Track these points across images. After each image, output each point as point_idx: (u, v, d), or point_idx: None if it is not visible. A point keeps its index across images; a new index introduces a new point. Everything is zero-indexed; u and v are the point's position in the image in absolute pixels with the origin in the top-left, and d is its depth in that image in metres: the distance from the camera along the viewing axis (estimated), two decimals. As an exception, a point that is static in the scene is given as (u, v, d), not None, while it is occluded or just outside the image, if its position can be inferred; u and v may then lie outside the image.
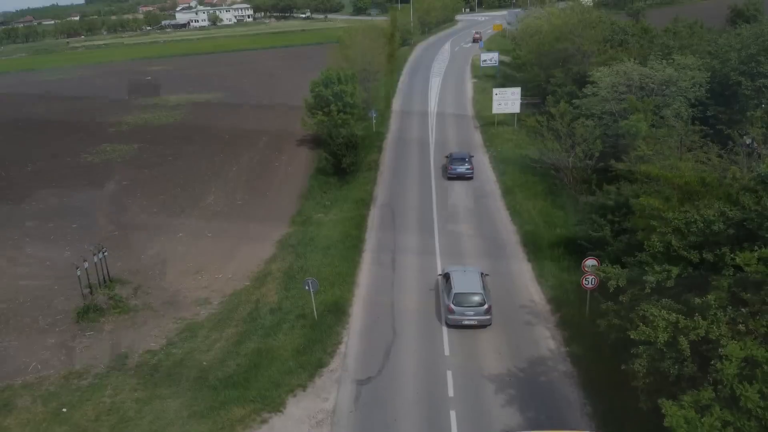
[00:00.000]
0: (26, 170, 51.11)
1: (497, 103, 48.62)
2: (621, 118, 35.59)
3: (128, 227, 36.39)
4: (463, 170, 38.66)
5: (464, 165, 38.89)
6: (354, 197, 36.64)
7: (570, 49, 49.27)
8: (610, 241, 22.83)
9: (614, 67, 37.04)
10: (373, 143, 48.31)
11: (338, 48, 62.24)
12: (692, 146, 28.45)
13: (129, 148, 55.20)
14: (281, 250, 31.09)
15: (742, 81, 34.60)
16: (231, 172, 46.12)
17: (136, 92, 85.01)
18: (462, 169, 38.65)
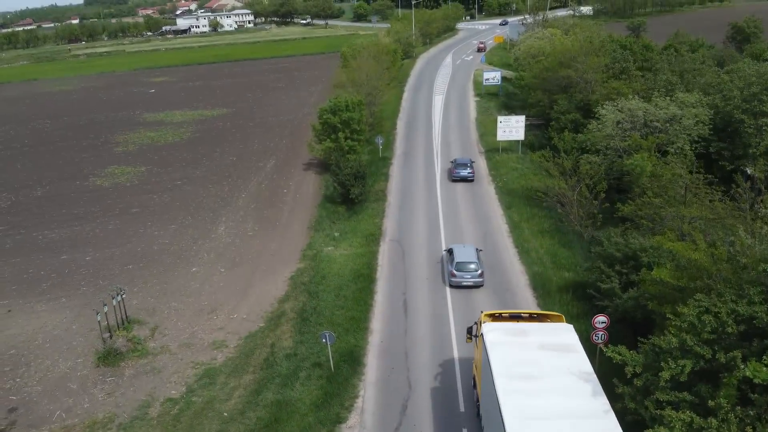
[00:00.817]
0: (36, 194, 51.71)
1: (502, 131, 49.30)
2: (625, 154, 36.40)
3: (142, 260, 37.02)
4: (465, 173, 44.53)
5: (467, 169, 44.83)
6: (363, 231, 37.26)
7: (573, 77, 49.90)
8: (619, 294, 23.52)
9: (619, 103, 37.71)
10: (379, 170, 48.98)
11: (345, 71, 62.68)
12: (697, 191, 29.16)
13: (137, 171, 55.82)
14: (293, 288, 31.73)
15: (744, 119, 35.35)
16: (240, 199, 46.73)
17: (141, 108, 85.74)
18: (464, 173, 44.53)
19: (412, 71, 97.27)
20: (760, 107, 35.03)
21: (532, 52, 66.65)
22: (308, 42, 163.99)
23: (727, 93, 36.79)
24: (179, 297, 32.08)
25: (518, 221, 36.24)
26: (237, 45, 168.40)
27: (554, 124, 50.08)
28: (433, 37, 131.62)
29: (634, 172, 33.81)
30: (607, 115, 37.06)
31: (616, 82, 45.94)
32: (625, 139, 36.26)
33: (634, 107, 36.73)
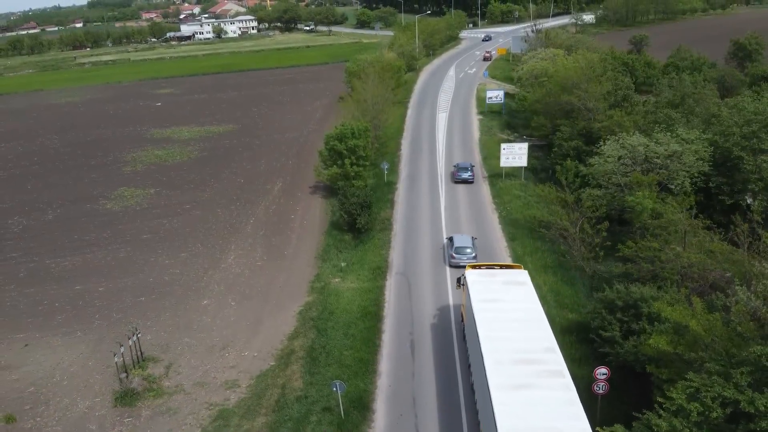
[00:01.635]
0: (47, 218, 52.65)
1: (505, 157, 50.13)
2: (627, 189, 37.21)
3: (154, 291, 37.91)
4: (466, 176, 51.04)
5: (467, 172, 51.31)
6: (370, 263, 38.14)
7: (575, 103, 50.71)
8: (620, 342, 24.34)
9: (621, 139, 38.50)
10: (385, 196, 49.86)
11: (350, 96, 63.49)
12: (696, 234, 29.98)
13: (146, 193, 56.76)
14: (302, 323, 32.60)
15: (743, 156, 36.13)
16: (249, 225, 47.63)
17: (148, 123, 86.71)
18: (465, 176, 51.04)
19: (416, 86, 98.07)
20: (759, 145, 35.82)
21: (535, 72, 67.44)
22: (312, 51, 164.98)
23: (727, 129, 37.55)
24: (192, 332, 32.95)
25: (522, 254, 37.05)
26: (241, 53, 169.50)
27: (556, 150, 51.00)
28: (436, 47, 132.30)
29: (635, 209, 34.68)
30: (609, 151, 37.82)
31: (617, 113, 46.67)
32: (627, 175, 37.07)
33: (635, 143, 37.51)
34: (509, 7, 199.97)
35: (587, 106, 49.49)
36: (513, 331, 23.05)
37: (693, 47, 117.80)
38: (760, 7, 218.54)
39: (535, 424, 18.20)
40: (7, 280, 41.15)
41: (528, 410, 18.78)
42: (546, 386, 19.85)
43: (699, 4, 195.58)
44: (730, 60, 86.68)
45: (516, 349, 21.93)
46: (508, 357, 21.44)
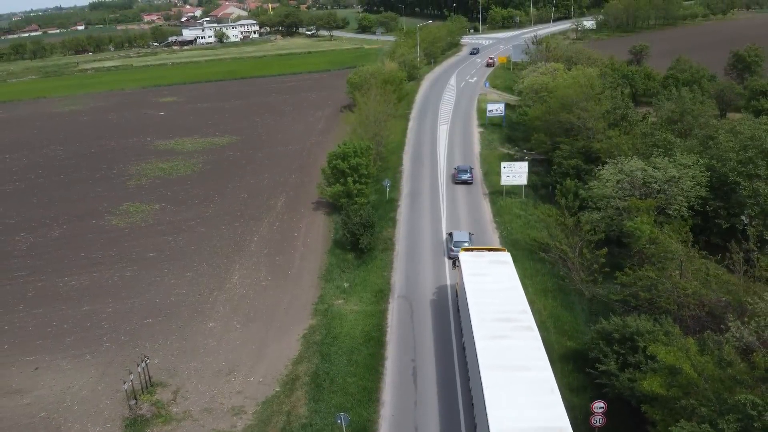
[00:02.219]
0: (53, 234, 53.37)
1: (505, 176, 50.78)
2: (625, 213, 37.89)
3: (160, 313, 38.60)
4: (465, 177, 55.79)
5: (467, 174, 56.20)
6: (372, 285, 38.85)
7: (575, 122, 51.38)
8: (617, 374, 25.01)
9: (619, 164, 39.15)
10: (387, 214, 50.55)
11: (354, 111, 64.24)
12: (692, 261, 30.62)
13: (151, 209, 57.46)
14: (306, 348, 33.29)
15: (740, 182, 36.79)
16: (253, 243, 48.32)
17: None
18: (465, 177, 55.81)
19: (417, 97, 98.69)
20: (755, 170, 36.48)
21: (535, 87, 68.13)
22: (313, 56, 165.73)
23: (723, 154, 38.21)
24: (198, 356, 33.65)
25: (522, 277, 37.39)
26: (243, 59, 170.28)
27: (556, 168, 51.68)
28: (437, 55, 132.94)
29: (633, 234, 35.36)
30: (608, 175, 38.49)
31: (616, 133, 47.32)
32: (625, 200, 37.75)
33: (633, 168, 38.17)
34: (510, 13, 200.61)
35: (586, 125, 50.13)
36: (494, 297, 28.79)
37: (693, 55, 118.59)
38: (761, 12, 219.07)
39: (509, 363, 23.89)
40: (16, 300, 41.88)
41: (503, 353, 24.59)
42: (518, 337, 25.74)
43: (699, 10, 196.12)
44: (729, 71, 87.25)
45: (496, 310, 27.59)
46: (490, 316, 27.13)
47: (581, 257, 35.70)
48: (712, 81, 79.60)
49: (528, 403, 21.45)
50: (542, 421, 20.41)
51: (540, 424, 20.30)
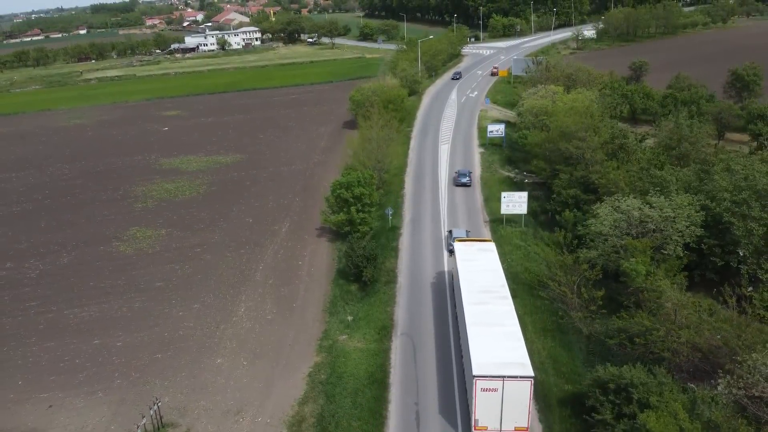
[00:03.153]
0: (62, 261, 54.42)
1: (505, 205, 51.73)
2: (623, 250, 38.85)
3: (169, 348, 39.60)
4: (465, 180, 62.66)
5: (466, 177, 62.98)
6: (376, 320, 39.87)
7: (574, 153, 52.37)
8: (613, 424, 26.01)
9: (616, 202, 40.13)
10: (389, 242, 51.56)
11: (357, 139, 65.28)
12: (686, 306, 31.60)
13: (157, 234, 58.50)
14: (312, 388, 34.27)
15: (734, 222, 37.75)
16: (258, 273, 49.33)
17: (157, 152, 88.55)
18: (464, 180, 62.68)
19: (419, 113, 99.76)
20: (749, 211, 37.41)
21: (535, 111, 69.13)
22: (315, 67, 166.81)
23: (718, 194, 39.16)
24: (207, 394, 34.64)
25: (522, 314, 38.52)
26: (245, 69, 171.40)
27: (555, 198, 52.71)
28: (438, 67, 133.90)
29: (630, 275, 36.38)
30: (605, 215, 39.45)
31: (613, 166, 48.23)
32: (622, 238, 38.73)
33: (630, 207, 39.13)
34: (511, 21, 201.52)
35: (585, 157, 51.10)
36: (480, 275, 36.31)
37: (693, 68, 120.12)
38: (761, 19, 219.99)
39: (488, 321, 31.50)
40: (28, 333, 42.92)
41: (484, 314, 32.16)
42: (496, 304, 33.38)
43: (700, 18, 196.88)
44: (728, 89, 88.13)
45: (480, 285, 35.18)
46: (476, 289, 34.77)
47: (579, 296, 36.71)
48: (710, 101, 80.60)
49: (500, 347, 29.49)
50: (509, 359, 28.44)
51: (507, 360, 28.34)
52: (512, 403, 27.50)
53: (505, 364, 27.92)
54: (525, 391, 27.37)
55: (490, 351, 29.00)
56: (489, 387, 27.47)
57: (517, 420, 27.81)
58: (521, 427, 27.97)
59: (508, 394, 27.37)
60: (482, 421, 28.05)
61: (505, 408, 27.62)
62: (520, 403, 27.55)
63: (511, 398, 27.42)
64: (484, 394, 27.58)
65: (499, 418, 27.84)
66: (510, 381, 27.23)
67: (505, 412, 27.70)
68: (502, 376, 27.27)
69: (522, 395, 27.43)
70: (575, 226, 46.74)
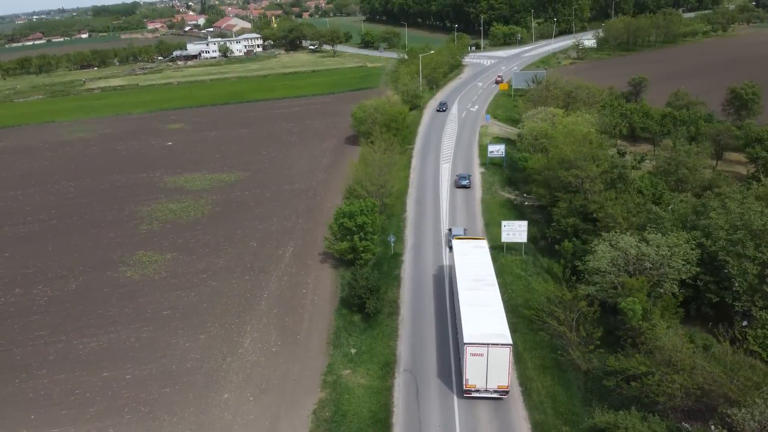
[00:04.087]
0: (70, 287, 55.31)
1: (506, 234, 52.69)
2: (620, 287, 39.76)
3: (177, 381, 40.50)
4: (465, 183, 70.01)
5: (466, 180, 70.51)
6: (379, 355, 40.82)
7: (573, 182, 53.29)
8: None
9: (613, 240, 41.04)
10: (392, 271, 52.54)
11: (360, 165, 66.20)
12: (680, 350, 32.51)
13: (163, 259, 59.38)
14: (317, 426, 35.18)
15: (729, 261, 38.65)
16: (263, 301, 50.23)
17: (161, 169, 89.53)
18: (464, 183, 70.05)
19: (420, 128, 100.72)
20: (743, 251, 38.31)
21: (535, 133, 70.08)
22: (317, 77, 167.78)
23: (714, 233, 40.05)
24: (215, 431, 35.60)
25: (522, 351, 39.61)
26: (248, 78, 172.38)
27: (555, 226, 53.62)
28: (439, 79, 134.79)
29: (626, 314, 37.29)
30: (602, 253, 40.36)
31: (611, 196, 49.10)
32: (619, 275, 39.65)
33: (626, 245, 40.04)
34: (512, 30, 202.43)
35: (584, 188, 52.01)
36: (473, 267, 43.50)
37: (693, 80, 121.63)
38: (761, 26, 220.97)
39: (477, 303, 38.50)
40: (39, 364, 43.83)
41: (475, 298, 39.20)
42: (484, 289, 40.29)
43: (700, 27, 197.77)
44: (727, 107, 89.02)
45: (473, 274, 42.45)
46: (469, 277, 42.00)
47: (578, 335, 37.64)
48: (709, 121, 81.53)
49: (486, 322, 36.26)
50: (493, 331, 35.26)
51: (491, 332, 35.16)
52: (495, 366, 34.32)
53: (489, 334, 34.96)
54: (505, 356, 34.27)
55: (478, 325, 35.99)
56: (476, 352, 34.39)
57: (499, 380, 34.68)
58: (502, 385, 34.81)
59: (492, 359, 34.23)
60: (472, 380, 34.89)
61: (490, 370, 34.48)
62: (501, 366, 34.34)
63: (494, 362, 34.24)
64: (473, 358, 34.51)
65: (485, 378, 34.73)
66: (493, 347, 34.21)
67: (489, 373, 34.54)
68: (487, 343, 34.35)
69: (503, 359, 34.24)
70: (574, 255, 47.81)
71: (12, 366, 43.93)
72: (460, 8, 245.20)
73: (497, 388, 34.82)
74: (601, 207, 48.79)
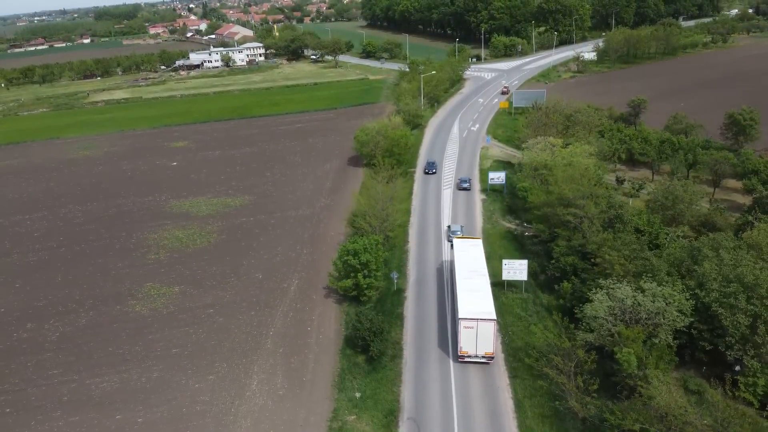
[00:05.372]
0: (81, 323, 56.58)
1: (506, 272, 54.01)
2: (617, 335, 41.06)
3: (188, 426, 41.76)
4: (466, 186, 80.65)
5: (467, 183, 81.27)
6: (382, 401, 42.14)
7: (572, 221, 54.58)
8: None
9: (611, 289, 42.34)
10: (394, 309, 53.86)
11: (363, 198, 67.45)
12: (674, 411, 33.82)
13: (171, 292, 60.70)
14: (325, 477, 36.54)
15: (722, 312, 39.95)
16: (269, 339, 51.56)
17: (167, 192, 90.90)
18: (466, 186, 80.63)
19: (421, 150, 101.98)
20: (736, 303, 39.60)
21: (535, 165, 71.40)
22: (320, 90, 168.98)
23: (707, 284, 41.34)
24: (225, 481, 36.90)
25: (522, 398, 40.92)
26: (250, 91, 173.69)
27: (554, 263, 54.95)
28: (440, 95, 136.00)
29: (622, 365, 38.63)
30: (599, 303, 41.66)
31: (609, 239, 50.37)
32: (616, 324, 40.96)
33: (623, 295, 41.33)
34: (512, 41, 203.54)
35: (582, 228, 53.30)
36: (469, 261, 52.60)
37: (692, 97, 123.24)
38: (761, 37, 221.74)
39: (471, 288, 47.74)
40: (53, 405, 45.14)
41: (469, 285, 48.47)
42: (477, 279, 49.50)
43: (700, 38, 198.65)
44: (725, 131, 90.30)
45: (469, 267, 51.59)
46: (465, 269, 51.15)
47: (576, 384, 38.94)
48: (707, 148, 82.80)
49: (477, 303, 45.52)
50: (481, 309, 44.63)
51: (480, 310, 44.46)
52: (483, 336, 43.58)
53: (479, 312, 44.23)
54: (490, 328, 43.53)
55: (471, 305, 45.33)
56: (468, 325, 43.60)
57: (486, 348, 43.97)
58: (489, 352, 44.16)
59: (480, 331, 43.47)
60: (464, 348, 44.37)
61: (479, 339, 43.71)
62: (487, 336, 43.57)
63: (482, 333, 43.48)
64: (465, 330, 43.84)
65: (475, 346, 44.06)
66: (481, 321, 43.44)
67: (478, 342, 43.81)
68: (477, 318, 43.56)
69: (488, 331, 43.52)
70: (573, 296, 49.20)
71: (28, 407, 45.27)
72: (461, 17, 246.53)
73: (485, 354, 44.18)
74: (599, 248, 50.04)
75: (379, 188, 65.11)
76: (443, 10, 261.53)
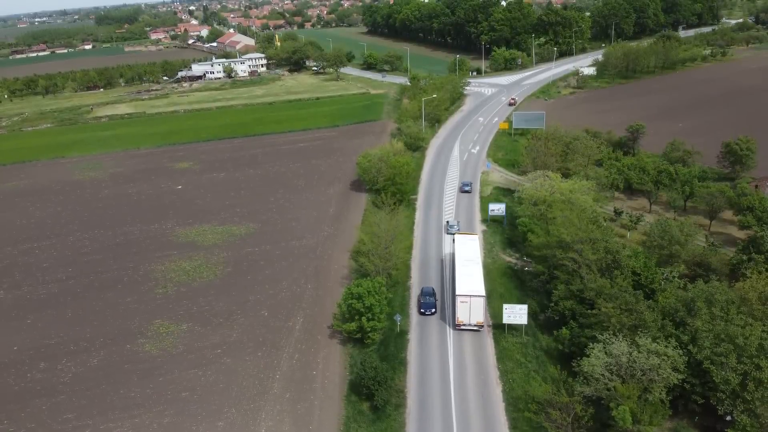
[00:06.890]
0: (92, 363, 58.13)
1: (507, 316, 55.53)
2: (613, 389, 42.62)
3: (199, 476, 43.45)
4: (468, 189, 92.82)
5: (469, 186, 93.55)
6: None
7: (570, 266, 56.14)
8: None
9: (607, 348, 43.90)
10: (398, 353, 55.40)
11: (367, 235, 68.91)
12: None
13: (179, 330, 62.21)
14: None
15: (713, 370, 41.53)
16: (276, 383, 53.07)
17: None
18: (467, 188, 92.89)
19: (423, 174, 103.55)
20: (727, 361, 41.16)
21: (534, 199, 72.93)
22: (321, 105, 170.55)
23: (699, 341, 42.90)
24: None
25: (521, 452, 42.54)
26: (253, 106, 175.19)
27: (553, 306, 56.51)
28: (441, 115, 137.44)
29: (617, 422, 40.23)
30: (595, 359, 43.21)
31: (607, 286, 51.91)
32: (612, 379, 42.53)
33: (619, 352, 42.88)
34: (512, 54, 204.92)
35: (580, 273, 54.84)
36: (466, 251, 63.92)
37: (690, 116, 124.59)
38: (761, 48, 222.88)
39: (466, 273, 59.45)
40: (69, 454, 46.77)
41: (465, 270, 60.15)
42: (472, 266, 61.09)
43: (699, 52, 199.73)
44: (722, 160, 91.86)
45: (466, 256, 62.95)
46: (463, 258, 62.56)
47: None
48: (703, 180, 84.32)
49: (471, 283, 57.22)
50: (474, 288, 56.46)
51: (473, 288, 56.25)
52: (474, 309, 55.77)
53: (472, 290, 56.09)
54: (481, 303, 55.82)
55: (466, 285, 56.96)
56: (464, 300, 55.77)
57: (477, 318, 56.16)
58: (479, 321, 56.28)
59: (472, 305, 55.60)
60: (460, 318, 56.38)
61: (471, 312, 55.89)
62: (478, 309, 55.84)
63: (474, 307, 55.68)
64: (461, 304, 55.94)
65: (468, 317, 56.17)
66: (474, 297, 55.54)
67: (471, 313, 55.97)
68: (470, 295, 55.53)
69: (479, 305, 55.74)
70: (571, 341, 50.79)
71: (43, 456, 46.86)
72: (462, 27, 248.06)
73: (476, 323, 56.19)
74: (597, 295, 51.59)
75: (383, 225, 66.53)
76: (444, 20, 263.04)
